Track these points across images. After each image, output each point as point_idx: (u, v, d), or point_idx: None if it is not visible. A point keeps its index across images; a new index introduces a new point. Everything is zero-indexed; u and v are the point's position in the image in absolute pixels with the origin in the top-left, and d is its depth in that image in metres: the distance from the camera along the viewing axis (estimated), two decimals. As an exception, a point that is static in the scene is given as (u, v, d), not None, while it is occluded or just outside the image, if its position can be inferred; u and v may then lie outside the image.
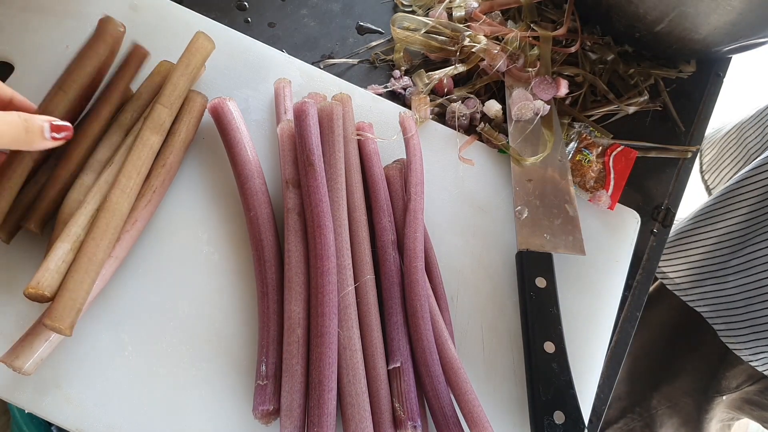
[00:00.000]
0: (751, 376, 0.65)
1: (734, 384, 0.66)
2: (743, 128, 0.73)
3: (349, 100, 0.47)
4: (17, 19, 0.49)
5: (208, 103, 0.46)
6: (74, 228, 0.38)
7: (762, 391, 0.65)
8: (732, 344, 0.63)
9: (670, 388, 0.72)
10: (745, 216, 0.61)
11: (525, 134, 0.51)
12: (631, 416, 0.75)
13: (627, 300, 0.50)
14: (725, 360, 0.66)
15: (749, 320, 0.61)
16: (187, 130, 0.45)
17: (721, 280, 0.63)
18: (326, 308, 0.38)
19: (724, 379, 0.67)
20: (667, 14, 0.49)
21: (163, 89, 0.43)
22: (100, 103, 0.44)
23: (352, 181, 0.44)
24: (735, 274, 0.61)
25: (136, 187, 0.40)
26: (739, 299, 0.61)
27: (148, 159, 0.41)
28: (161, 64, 0.46)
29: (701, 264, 0.66)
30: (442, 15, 0.56)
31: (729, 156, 0.75)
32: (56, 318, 0.35)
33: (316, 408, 0.36)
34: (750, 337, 0.61)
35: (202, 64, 0.47)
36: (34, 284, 0.35)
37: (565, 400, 0.41)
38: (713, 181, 0.79)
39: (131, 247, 0.42)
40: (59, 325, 0.35)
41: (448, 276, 0.46)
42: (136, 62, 0.47)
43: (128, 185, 0.40)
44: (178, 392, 0.40)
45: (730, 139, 0.75)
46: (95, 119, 0.43)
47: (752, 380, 0.65)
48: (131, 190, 0.40)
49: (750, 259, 0.60)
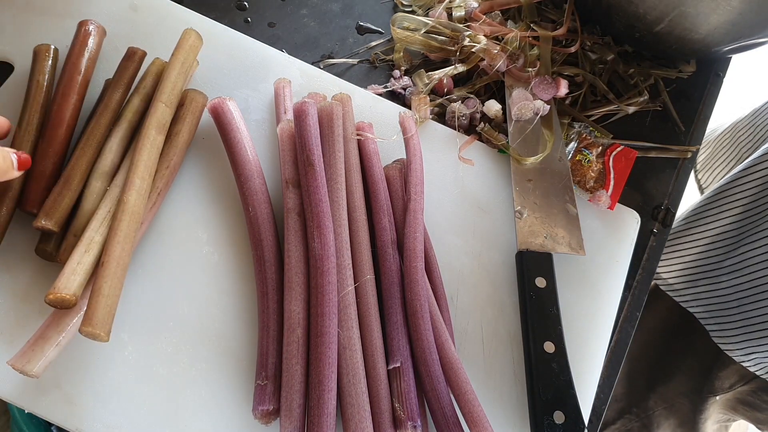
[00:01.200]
0: (743, 377, 0.65)
1: (727, 384, 0.66)
2: (737, 128, 0.73)
3: (349, 100, 0.47)
4: (17, 19, 0.49)
5: (208, 102, 0.46)
6: (90, 233, 0.38)
7: (754, 392, 0.65)
8: (724, 345, 0.63)
9: (666, 389, 0.72)
10: (738, 216, 0.61)
11: (525, 134, 0.51)
12: (628, 417, 0.75)
13: (627, 300, 0.50)
14: (718, 360, 0.66)
15: (742, 320, 0.61)
16: (189, 130, 0.45)
17: (715, 281, 0.63)
18: (326, 308, 0.38)
19: (717, 380, 0.67)
20: (667, 14, 0.49)
21: (162, 87, 0.43)
22: (102, 110, 0.43)
23: (352, 181, 0.44)
24: (729, 274, 0.61)
25: (148, 187, 0.40)
26: (733, 299, 0.61)
27: (156, 159, 0.41)
28: (153, 62, 0.46)
29: (695, 264, 0.66)
30: (442, 15, 0.56)
31: (722, 155, 0.75)
32: (96, 324, 0.34)
33: (315, 408, 0.36)
34: (742, 337, 0.61)
35: (195, 60, 0.47)
36: (59, 289, 0.35)
37: (565, 400, 0.41)
38: (706, 180, 0.79)
39: (135, 249, 0.42)
40: (99, 332, 0.34)
41: (448, 276, 0.46)
42: (135, 65, 0.46)
43: (143, 186, 0.40)
44: (178, 392, 0.40)
45: (724, 139, 0.75)
46: (97, 127, 0.43)
47: (744, 380, 0.65)
48: (145, 191, 0.40)
49: (744, 259, 0.60)
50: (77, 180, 0.41)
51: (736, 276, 0.60)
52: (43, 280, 0.41)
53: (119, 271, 0.37)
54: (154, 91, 0.45)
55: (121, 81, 0.45)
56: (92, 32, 0.46)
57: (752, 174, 0.61)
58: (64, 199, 0.40)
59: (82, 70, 0.44)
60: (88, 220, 0.39)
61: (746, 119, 0.72)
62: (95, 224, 0.38)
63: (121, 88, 0.45)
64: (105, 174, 0.41)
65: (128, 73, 0.46)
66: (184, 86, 0.46)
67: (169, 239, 0.44)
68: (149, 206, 0.41)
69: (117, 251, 0.37)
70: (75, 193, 0.40)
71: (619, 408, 0.75)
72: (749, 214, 0.60)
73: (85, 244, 0.37)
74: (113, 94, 0.44)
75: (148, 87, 0.45)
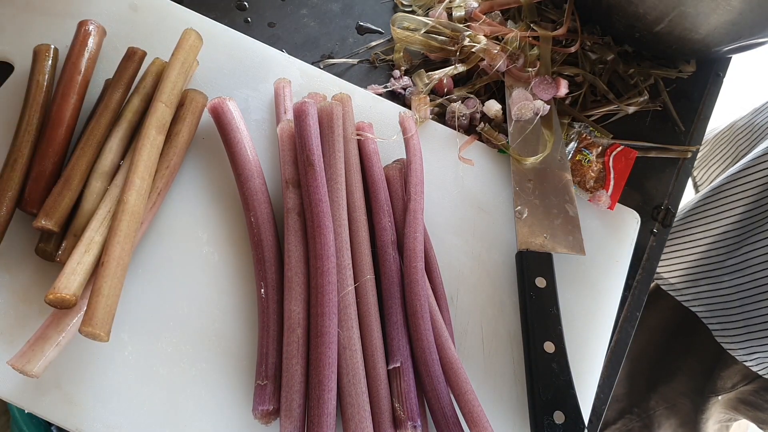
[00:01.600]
0: (746, 376, 0.65)
1: (729, 384, 0.66)
2: (735, 126, 0.73)
3: (349, 100, 0.47)
4: (17, 19, 0.49)
5: (208, 102, 0.46)
6: (90, 233, 0.38)
7: (757, 391, 0.65)
8: (726, 344, 0.63)
9: (667, 389, 0.72)
10: (739, 216, 0.61)
11: (525, 134, 0.51)
12: (629, 417, 0.75)
13: (627, 300, 0.50)
14: (720, 360, 0.66)
15: (744, 320, 0.61)
16: (189, 130, 0.45)
17: (717, 280, 0.63)
18: (326, 308, 0.38)
19: (720, 379, 0.67)
20: (667, 14, 0.49)
21: (162, 87, 0.43)
22: (102, 110, 0.43)
23: (352, 181, 0.44)
24: (731, 274, 0.61)
25: (148, 187, 0.40)
26: (735, 299, 0.61)
27: (156, 159, 0.41)
28: (153, 62, 0.46)
29: (696, 264, 0.66)
30: (441, 15, 0.56)
31: (719, 153, 0.75)
32: (96, 324, 0.34)
33: (316, 408, 0.36)
34: (745, 337, 0.61)
35: (195, 60, 0.47)
36: (59, 289, 0.35)
37: (565, 400, 0.41)
38: (701, 177, 0.79)
39: (135, 249, 0.42)
40: (99, 332, 0.34)
41: (448, 276, 0.46)
42: (135, 65, 0.46)
43: (143, 186, 0.40)
44: (178, 392, 0.40)
45: (722, 137, 0.75)
46: (97, 127, 0.43)
47: (747, 380, 0.65)
48: (145, 191, 0.40)
49: (746, 259, 0.60)
50: (77, 180, 0.40)
51: (738, 276, 0.60)
52: (43, 280, 0.41)
53: (119, 271, 0.37)
54: (154, 91, 0.45)
55: (121, 81, 0.45)
56: (92, 32, 0.46)
57: (752, 173, 0.61)
58: (64, 199, 0.40)
59: (82, 70, 0.44)
60: (88, 220, 0.39)
61: (745, 118, 0.72)
62: (95, 224, 0.38)
63: (121, 88, 0.45)
64: (105, 174, 0.41)
65: (128, 73, 0.46)
66: (184, 86, 0.45)
67: (169, 239, 0.44)
68: (149, 206, 0.41)
69: (117, 251, 0.37)
70: (75, 193, 0.40)
71: (619, 408, 0.75)
72: (751, 213, 0.60)
73: (85, 244, 0.37)
74: (113, 94, 0.44)
75: (148, 87, 0.45)
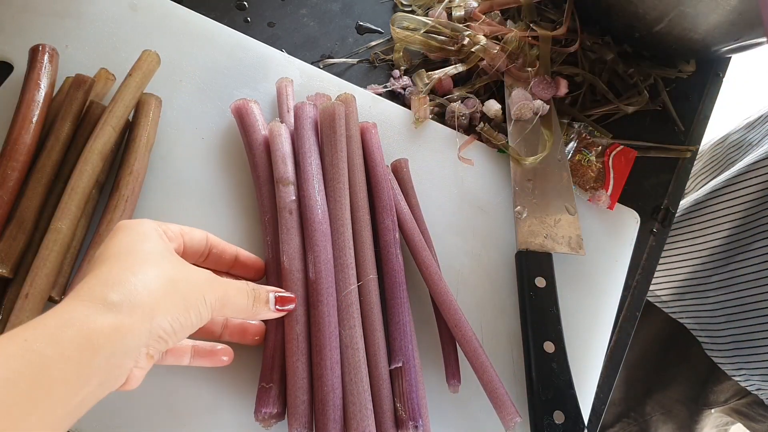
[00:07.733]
0: (738, 392, 0.64)
1: (722, 398, 0.66)
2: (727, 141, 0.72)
3: (353, 100, 0.47)
4: (17, 19, 0.49)
5: (232, 104, 0.46)
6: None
7: (749, 405, 0.64)
8: (716, 358, 0.63)
9: (663, 396, 0.71)
10: (726, 233, 0.60)
11: (524, 134, 0.51)
12: (626, 421, 0.75)
13: (627, 300, 0.50)
14: (713, 374, 0.65)
15: (731, 336, 0.60)
16: (149, 134, 0.44)
17: (701, 296, 0.62)
18: (324, 308, 0.38)
19: (712, 394, 0.66)
20: (666, 14, 0.49)
21: (113, 109, 0.43)
22: (52, 143, 0.42)
23: (356, 180, 0.44)
24: (716, 290, 0.61)
25: (76, 208, 0.40)
26: (719, 315, 0.61)
27: (91, 185, 0.41)
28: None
29: (683, 279, 0.65)
30: (441, 15, 0.56)
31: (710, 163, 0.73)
32: None
33: (320, 407, 0.36)
34: (733, 352, 0.60)
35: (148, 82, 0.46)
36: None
37: (564, 399, 0.41)
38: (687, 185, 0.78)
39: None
40: None
41: (448, 276, 0.46)
42: (83, 94, 0.44)
43: (77, 214, 0.40)
44: (178, 392, 0.40)
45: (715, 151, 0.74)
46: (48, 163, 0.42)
47: (740, 395, 0.64)
48: (73, 213, 0.40)
49: (731, 277, 0.59)
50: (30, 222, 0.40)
51: (724, 293, 0.60)
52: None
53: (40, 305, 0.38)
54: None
55: (69, 112, 0.43)
56: (47, 58, 0.45)
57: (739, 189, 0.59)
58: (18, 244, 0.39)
59: (40, 101, 0.43)
60: None
61: (738, 132, 0.70)
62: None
63: (70, 119, 0.43)
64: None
65: (77, 103, 0.44)
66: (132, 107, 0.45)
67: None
68: (119, 215, 0.41)
69: (42, 284, 0.38)
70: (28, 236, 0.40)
71: (617, 412, 0.75)
72: (738, 230, 0.59)
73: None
74: (62, 126, 0.43)
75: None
